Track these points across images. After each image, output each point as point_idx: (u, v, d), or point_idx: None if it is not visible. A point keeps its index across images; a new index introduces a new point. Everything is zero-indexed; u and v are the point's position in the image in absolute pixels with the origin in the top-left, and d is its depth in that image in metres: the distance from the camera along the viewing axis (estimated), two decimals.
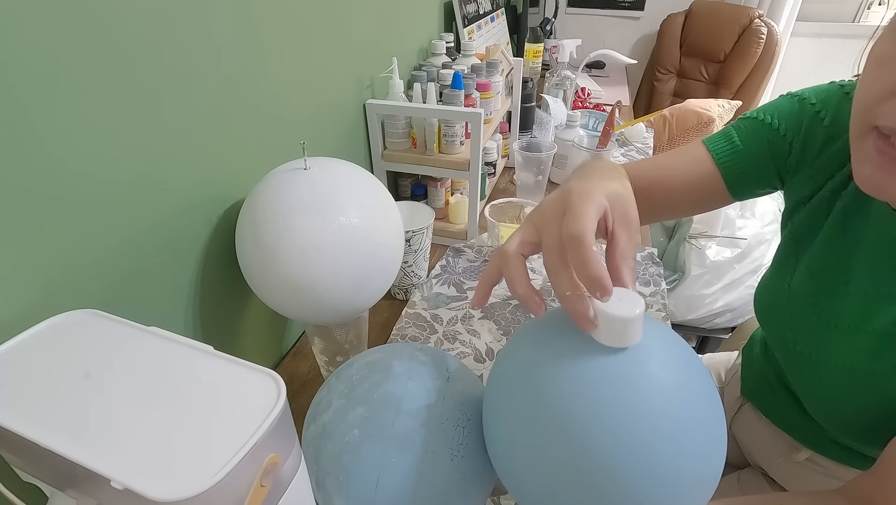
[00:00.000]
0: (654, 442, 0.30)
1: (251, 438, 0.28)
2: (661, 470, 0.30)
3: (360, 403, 0.41)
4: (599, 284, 0.30)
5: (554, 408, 0.32)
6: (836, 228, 0.50)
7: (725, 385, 0.81)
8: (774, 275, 0.58)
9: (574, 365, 0.32)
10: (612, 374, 0.32)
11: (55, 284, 0.41)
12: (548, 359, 0.34)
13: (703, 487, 0.33)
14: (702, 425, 0.32)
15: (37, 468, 0.33)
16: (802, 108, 0.53)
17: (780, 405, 0.63)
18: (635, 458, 0.30)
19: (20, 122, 0.36)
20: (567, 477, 0.32)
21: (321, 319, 0.58)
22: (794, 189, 0.56)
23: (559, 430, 0.32)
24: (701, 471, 0.32)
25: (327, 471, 0.40)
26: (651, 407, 0.31)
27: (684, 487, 0.31)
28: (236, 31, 0.55)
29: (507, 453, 0.36)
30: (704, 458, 0.32)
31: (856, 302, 0.47)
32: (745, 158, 0.56)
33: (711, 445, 0.32)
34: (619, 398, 0.31)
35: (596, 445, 0.30)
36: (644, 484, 0.30)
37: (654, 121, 1.48)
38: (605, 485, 0.30)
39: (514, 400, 0.35)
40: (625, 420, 0.30)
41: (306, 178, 0.50)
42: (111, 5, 0.41)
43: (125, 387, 0.32)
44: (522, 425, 0.34)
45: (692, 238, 1.33)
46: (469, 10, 1.33)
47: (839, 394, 0.49)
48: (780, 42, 2.01)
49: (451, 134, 0.89)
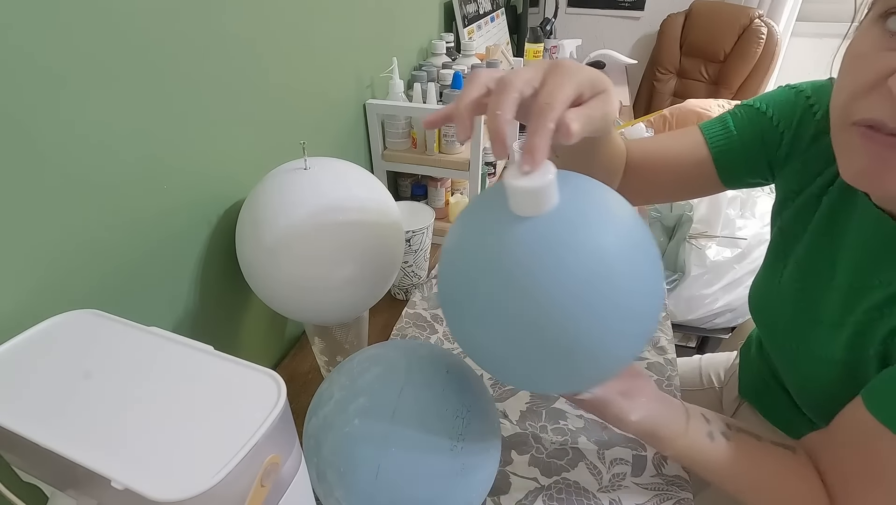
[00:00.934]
0: (576, 300, 0.33)
1: (251, 438, 0.28)
2: (585, 323, 0.33)
3: (360, 395, 0.41)
4: (532, 154, 0.31)
5: (477, 268, 0.35)
6: (823, 225, 0.51)
7: (724, 385, 0.81)
8: (766, 272, 0.59)
9: (495, 232, 0.35)
10: (527, 237, 0.33)
11: (55, 284, 0.41)
12: (474, 228, 0.37)
13: (628, 337, 0.36)
14: (623, 284, 0.34)
15: (37, 468, 0.33)
16: (797, 99, 0.53)
17: (776, 404, 0.63)
18: (560, 313, 0.33)
19: (20, 122, 0.36)
20: (502, 331, 0.35)
21: (321, 319, 0.58)
22: (783, 181, 0.56)
23: (487, 288, 0.34)
24: (626, 321, 0.35)
25: (328, 462, 0.41)
26: (567, 267, 0.33)
27: (609, 340, 0.34)
28: (237, 31, 0.55)
29: (453, 316, 0.39)
30: (626, 309, 0.34)
31: (839, 296, 0.48)
32: (737, 145, 0.56)
33: (633, 297, 0.34)
34: (535, 259, 0.33)
35: (523, 303, 0.33)
36: (568, 337, 0.33)
37: (654, 121, 1.48)
38: (532, 336, 0.34)
39: (453, 266, 0.38)
40: (544, 278, 0.33)
41: (306, 178, 0.50)
42: (112, 5, 0.41)
43: (125, 387, 0.32)
44: (464, 289, 0.37)
45: (692, 238, 1.33)
46: (469, 10, 1.33)
47: (825, 387, 0.50)
48: (780, 42, 2.01)
49: (451, 134, 0.89)
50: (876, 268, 0.45)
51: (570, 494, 0.53)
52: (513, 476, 0.55)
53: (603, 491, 0.54)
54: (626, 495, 0.53)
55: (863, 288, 0.45)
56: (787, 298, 0.54)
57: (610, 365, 0.37)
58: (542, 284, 0.33)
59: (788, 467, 0.47)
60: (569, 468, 0.56)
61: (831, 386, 0.49)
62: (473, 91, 0.34)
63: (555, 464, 0.56)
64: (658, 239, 1.39)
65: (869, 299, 0.45)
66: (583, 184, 0.36)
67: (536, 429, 0.60)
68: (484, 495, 0.45)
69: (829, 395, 0.46)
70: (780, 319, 0.56)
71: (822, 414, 0.47)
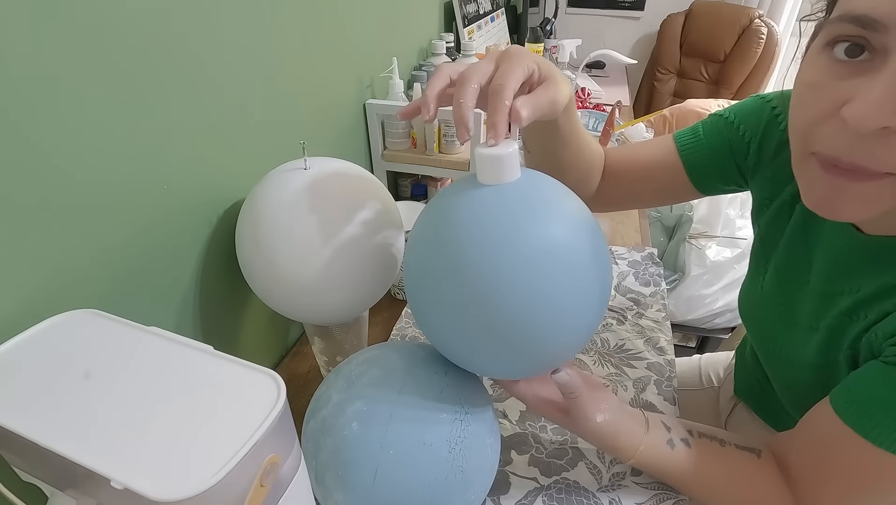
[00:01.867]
0: (532, 262, 0.35)
1: (251, 438, 0.28)
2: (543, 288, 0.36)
3: (358, 398, 0.41)
4: (494, 128, 0.36)
5: (442, 236, 0.38)
6: (797, 231, 0.51)
7: (722, 384, 0.81)
8: (750, 277, 0.60)
9: (459, 201, 0.38)
10: (489, 204, 0.37)
11: (55, 283, 0.41)
12: (441, 202, 0.40)
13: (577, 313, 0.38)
14: (576, 253, 0.37)
15: (37, 468, 0.33)
16: (763, 109, 0.53)
17: (769, 404, 0.64)
18: (515, 277, 0.35)
19: (20, 122, 0.36)
20: (459, 294, 0.37)
21: (321, 319, 0.58)
22: (755, 188, 0.57)
23: (448, 257, 0.37)
24: (578, 293, 0.37)
25: (326, 465, 0.41)
26: (525, 231, 0.36)
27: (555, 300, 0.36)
28: (237, 31, 0.55)
29: (414, 288, 0.41)
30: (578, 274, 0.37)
31: (813, 301, 0.49)
32: (706, 154, 0.57)
33: (586, 271, 0.37)
34: (496, 225, 0.36)
35: (478, 268, 0.36)
36: (524, 295, 0.35)
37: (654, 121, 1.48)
38: (492, 296, 0.36)
39: (417, 240, 0.41)
40: (502, 247, 0.35)
41: (306, 178, 0.50)
42: (113, 6, 0.41)
43: (125, 387, 0.32)
44: (422, 261, 0.39)
45: (692, 238, 1.33)
46: (469, 10, 1.33)
47: (803, 389, 0.51)
48: (780, 42, 2.01)
49: (451, 134, 0.89)
50: (846, 275, 0.45)
51: (570, 494, 0.53)
52: (512, 476, 0.55)
53: (603, 491, 0.54)
54: (626, 495, 0.53)
55: (834, 294, 0.46)
56: (768, 303, 0.55)
57: (554, 344, 0.39)
58: (498, 246, 0.35)
59: (749, 470, 0.48)
60: (568, 468, 0.56)
61: (808, 388, 0.49)
62: (438, 83, 0.40)
63: (554, 464, 0.56)
64: (658, 239, 1.39)
65: (839, 304, 0.45)
66: (541, 174, 0.41)
67: (536, 429, 0.60)
68: (483, 497, 0.45)
69: (807, 397, 0.47)
70: (763, 322, 0.57)
71: (803, 415, 0.47)
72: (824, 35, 0.35)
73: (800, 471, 0.45)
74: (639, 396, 0.65)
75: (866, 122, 0.31)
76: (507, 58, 0.39)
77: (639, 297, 0.82)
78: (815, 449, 0.44)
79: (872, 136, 0.31)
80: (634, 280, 0.85)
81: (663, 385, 0.67)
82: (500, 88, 0.37)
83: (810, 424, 0.45)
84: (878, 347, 0.41)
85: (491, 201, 0.37)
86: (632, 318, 0.78)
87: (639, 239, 0.99)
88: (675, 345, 0.75)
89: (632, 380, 0.67)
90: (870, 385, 0.40)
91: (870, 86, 0.31)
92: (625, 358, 0.71)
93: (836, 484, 0.42)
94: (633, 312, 0.79)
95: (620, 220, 1.05)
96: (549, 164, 0.56)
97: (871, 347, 0.42)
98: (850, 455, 0.41)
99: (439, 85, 0.40)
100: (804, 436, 0.46)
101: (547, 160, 0.56)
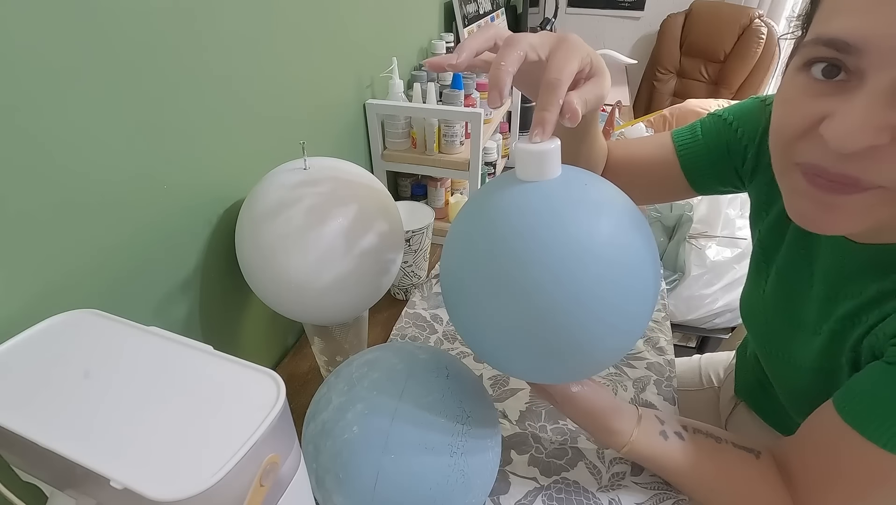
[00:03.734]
0: (578, 259, 0.34)
1: (251, 437, 0.28)
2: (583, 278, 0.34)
3: (359, 401, 0.41)
4: (541, 125, 0.34)
5: (488, 232, 0.36)
6: (797, 237, 0.51)
7: (722, 384, 0.81)
8: (751, 282, 0.60)
9: (500, 199, 0.36)
10: (531, 200, 0.35)
11: (55, 284, 0.41)
12: (483, 203, 0.38)
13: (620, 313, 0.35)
14: (625, 251, 0.35)
15: (36, 468, 0.33)
16: (762, 112, 0.53)
17: (770, 404, 0.64)
18: (563, 273, 0.33)
19: (20, 122, 0.37)
20: (504, 289, 0.35)
21: (321, 319, 0.58)
22: (753, 192, 0.57)
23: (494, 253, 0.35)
24: (623, 292, 0.35)
25: (327, 468, 0.40)
26: (575, 229, 0.34)
27: (601, 295, 0.34)
28: (237, 31, 0.55)
29: (452, 288, 0.39)
30: (627, 276, 0.35)
31: (816, 305, 0.49)
32: (702, 153, 0.57)
33: (630, 269, 0.35)
34: (540, 221, 0.34)
35: (524, 263, 0.34)
36: (566, 287, 0.33)
37: (654, 121, 1.48)
38: (533, 291, 0.34)
39: (460, 239, 0.39)
40: (547, 242, 0.33)
41: (306, 178, 0.51)
42: (113, 7, 0.41)
43: (125, 387, 0.32)
44: (465, 254, 0.37)
45: (692, 238, 1.33)
46: (469, 10, 1.33)
47: (805, 392, 0.51)
48: (779, 42, 2.01)
49: (451, 134, 0.89)
50: (846, 279, 0.45)
51: (570, 494, 0.53)
52: (512, 476, 0.55)
53: (602, 490, 0.54)
54: (626, 495, 0.53)
55: (836, 298, 0.46)
56: (770, 306, 0.55)
57: (596, 347, 0.37)
58: (542, 243, 0.33)
59: (745, 470, 0.48)
60: (568, 468, 0.56)
61: (810, 392, 0.49)
62: (481, 40, 0.37)
63: (554, 463, 0.56)
64: (658, 239, 1.39)
65: (841, 308, 0.45)
66: (581, 169, 0.39)
67: (536, 429, 0.60)
68: (483, 499, 0.45)
69: (809, 400, 0.47)
70: (765, 326, 0.56)
71: (805, 418, 0.47)
72: (801, 56, 0.34)
73: (803, 474, 0.45)
74: (639, 396, 0.65)
75: (849, 143, 0.31)
76: (564, 46, 0.36)
77: None
78: (819, 452, 0.44)
79: (859, 153, 0.31)
80: None
81: (663, 385, 0.67)
82: (556, 83, 0.34)
83: (813, 428, 0.45)
84: (881, 347, 0.41)
85: (535, 200, 0.35)
86: None
87: None
88: (675, 345, 0.75)
89: (632, 380, 0.67)
90: (872, 386, 0.40)
91: (849, 107, 0.31)
92: (624, 358, 0.71)
93: (841, 487, 0.42)
94: None
95: None
96: (564, 155, 0.56)
97: (872, 348, 0.42)
98: (854, 458, 0.40)
99: (481, 43, 0.37)
100: (807, 439, 0.46)
101: (565, 154, 0.56)
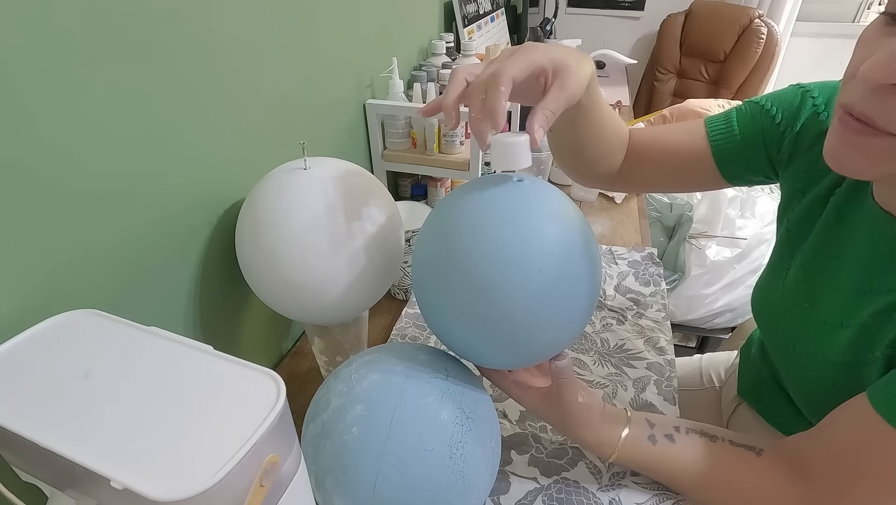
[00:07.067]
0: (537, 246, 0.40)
1: (251, 437, 0.28)
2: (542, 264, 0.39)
3: (358, 402, 0.41)
4: (491, 116, 0.38)
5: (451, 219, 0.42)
6: (829, 226, 0.50)
7: (724, 384, 0.81)
8: (770, 273, 0.59)
9: (472, 190, 0.43)
10: (503, 194, 0.41)
11: (55, 283, 0.41)
12: (447, 198, 0.45)
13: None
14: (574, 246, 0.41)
15: (36, 468, 0.33)
16: (804, 100, 0.53)
17: (775, 405, 0.63)
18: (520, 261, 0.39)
19: (20, 122, 0.36)
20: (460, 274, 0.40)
21: (321, 319, 0.58)
22: (787, 180, 0.56)
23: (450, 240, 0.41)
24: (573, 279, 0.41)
25: (326, 470, 0.40)
26: (536, 223, 0.40)
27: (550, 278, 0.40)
28: (237, 31, 0.55)
29: (422, 276, 0.45)
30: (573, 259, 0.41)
31: (843, 298, 0.48)
32: (737, 140, 0.56)
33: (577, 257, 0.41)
34: (494, 218, 0.40)
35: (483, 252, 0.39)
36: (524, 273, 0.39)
37: (654, 121, 1.48)
38: (492, 274, 0.39)
39: (427, 228, 0.45)
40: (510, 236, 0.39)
41: (306, 178, 0.50)
42: (113, 7, 0.41)
43: (125, 387, 0.32)
44: (428, 243, 0.44)
45: (692, 238, 1.33)
46: (469, 10, 1.33)
47: (825, 388, 0.50)
48: (780, 42, 2.01)
49: (450, 134, 0.89)
50: (883, 272, 0.45)
51: (570, 494, 0.53)
52: (512, 476, 0.55)
53: (603, 490, 0.54)
54: (626, 494, 0.53)
55: (870, 291, 0.45)
56: (790, 299, 0.54)
57: (545, 338, 0.43)
58: (492, 238, 0.39)
59: (742, 467, 0.47)
60: (568, 468, 0.56)
61: (831, 387, 0.49)
62: (455, 89, 0.42)
63: (554, 463, 0.56)
64: (658, 239, 1.39)
65: (876, 303, 0.44)
66: (543, 182, 0.46)
67: (536, 429, 0.60)
68: (483, 499, 0.45)
69: (829, 396, 0.46)
70: (782, 319, 0.55)
71: (821, 415, 0.47)
72: (886, 4, 0.37)
73: (823, 469, 0.44)
74: (639, 396, 0.65)
75: (872, 74, 0.33)
76: (510, 51, 0.41)
77: (639, 297, 0.82)
78: (845, 447, 0.43)
79: (883, 91, 0.33)
80: (634, 280, 0.85)
81: (663, 385, 0.66)
82: (494, 76, 0.39)
83: (838, 422, 0.44)
84: None
85: (492, 196, 0.41)
86: (632, 318, 0.78)
87: (639, 239, 0.99)
88: (675, 345, 0.75)
89: (632, 380, 0.67)
90: None
91: (887, 41, 0.33)
92: (625, 358, 0.71)
93: (868, 483, 0.42)
94: (633, 312, 0.79)
95: (620, 220, 1.05)
96: (571, 142, 0.56)
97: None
98: (887, 453, 0.40)
99: (456, 90, 0.42)
100: (830, 434, 0.45)
101: (568, 138, 0.56)
